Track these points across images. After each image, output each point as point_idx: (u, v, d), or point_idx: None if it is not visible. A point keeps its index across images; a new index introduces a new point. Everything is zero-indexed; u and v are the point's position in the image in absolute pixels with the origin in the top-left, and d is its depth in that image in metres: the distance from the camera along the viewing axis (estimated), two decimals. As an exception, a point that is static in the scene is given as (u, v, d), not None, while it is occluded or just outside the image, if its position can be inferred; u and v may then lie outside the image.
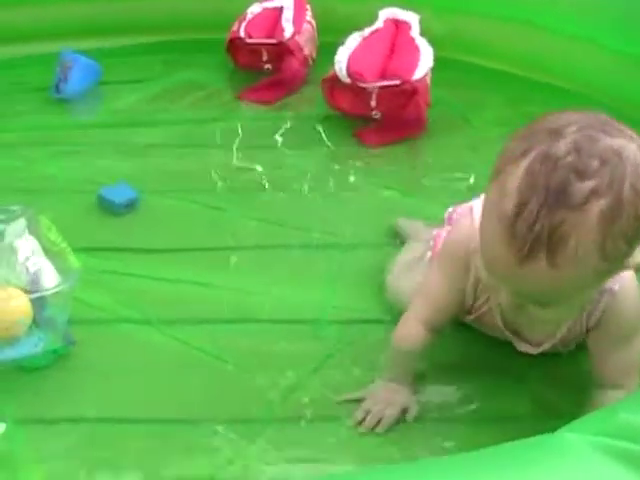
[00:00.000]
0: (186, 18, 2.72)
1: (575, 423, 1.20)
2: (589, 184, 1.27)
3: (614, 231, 1.29)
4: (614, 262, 1.34)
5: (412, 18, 2.47)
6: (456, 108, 2.46)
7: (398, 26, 2.48)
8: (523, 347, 1.64)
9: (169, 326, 1.78)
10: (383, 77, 2.34)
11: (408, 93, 2.33)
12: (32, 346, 1.68)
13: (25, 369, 1.66)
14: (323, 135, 2.38)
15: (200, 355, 1.72)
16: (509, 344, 1.64)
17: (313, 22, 2.63)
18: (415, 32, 2.45)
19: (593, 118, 1.33)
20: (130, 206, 2.07)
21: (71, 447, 1.54)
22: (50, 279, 1.69)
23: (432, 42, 2.41)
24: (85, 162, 2.24)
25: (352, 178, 2.22)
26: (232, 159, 2.28)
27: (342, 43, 2.41)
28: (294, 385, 1.66)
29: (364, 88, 2.34)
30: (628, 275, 1.50)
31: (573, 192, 1.27)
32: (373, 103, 2.35)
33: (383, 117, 2.38)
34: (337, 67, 2.36)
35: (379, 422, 1.61)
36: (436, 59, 2.37)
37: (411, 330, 1.65)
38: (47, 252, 1.71)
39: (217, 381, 1.67)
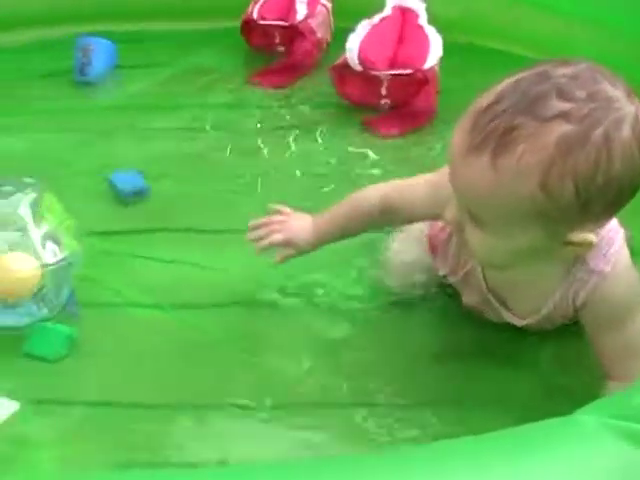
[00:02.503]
0: (198, 3, 2.69)
1: (590, 406, 1.18)
2: (564, 105, 1.25)
3: (565, 164, 1.25)
4: (555, 207, 1.29)
5: (419, 6, 2.45)
6: (466, 94, 2.41)
7: (405, 14, 2.45)
8: (508, 317, 1.60)
9: (180, 310, 1.77)
10: (393, 65, 2.32)
11: (419, 82, 2.31)
12: (28, 315, 1.69)
13: (47, 360, 1.65)
14: (332, 121, 2.36)
15: (211, 339, 1.71)
16: (517, 329, 1.62)
17: (328, 5, 2.60)
18: (423, 20, 2.42)
19: (609, 70, 1.31)
20: (138, 194, 2.05)
21: (84, 430, 1.54)
22: (50, 254, 1.69)
23: (442, 26, 2.39)
24: (97, 146, 2.23)
25: (361, 165, 2.20)
26: (243, 143, 2.26)
27: (352, 30, 2.39)
28: (306, 369, 1.65)
29: (375, 76, 2.31)
30: (623, 259, 1.47)
31: (545, 105, 1.25)
32: (383, 91, 2.34)
33: (392, 106, 2.36)
34: (348, 54, 2.33)
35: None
36: (446, 44, 2.34)
37: (371, 190, 1.67)
38: (45, 229, 1.71)
39: (228, 365, 1.66)
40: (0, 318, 1.69)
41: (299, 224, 1.73)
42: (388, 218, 1.68)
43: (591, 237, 1.36)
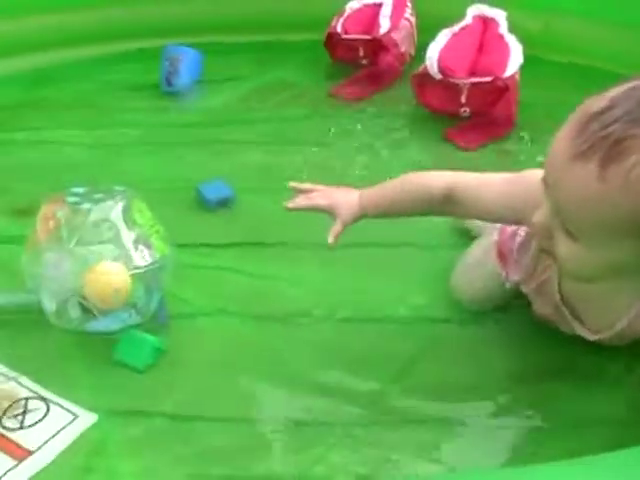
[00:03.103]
0: (280, 18, 2.71)
1: None
2: None
3: None
4: None
5: (499, 15, 2.43)
6: (544, 108, 2.37)
7: (486, 23, 2.45)
8: (581, 330, 1.55)
9: (264, 322, 1.77)
10: (473, 73, 2.30)
11: (499, 90, 2.29)
12: (120, 321, 1.70)
13: (136, 369, 1.65)
14: (413, 134, 2.34)
15: (294, 354, 1.69)
16: (595, 346, 1.58)
17: (412, 19, 2.60)
18: (503, 29, 2.40)
19: None
20: (224, 203, 2.06)
21: (163, 441, 1.53)
22: (142, 258, 1.69)
23: (523, 40, 2.35)
24: (180, 160, 2.25)
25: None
26: (323, 157, 2.25)
27: (433, 39, 2.38)
28: (377, 386, 1.62)
29: (455, 84, 2.30)
30: None
31: None
32: (463, 99, 2.32)
33: (472, 115, 2.34)
34: (428, 63, 2.32)
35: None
36: (526, 58, 2.31)
37: (435, 174, 1.60)
38: (136, 234, 1.71)
39: (309, 381, 1.65)
40: (92, 324, 1.70)
41: (344, 195, 1.67)
42: (449, 209, 1.59)
43: None
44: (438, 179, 1.58)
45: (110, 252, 1.67)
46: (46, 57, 2.61)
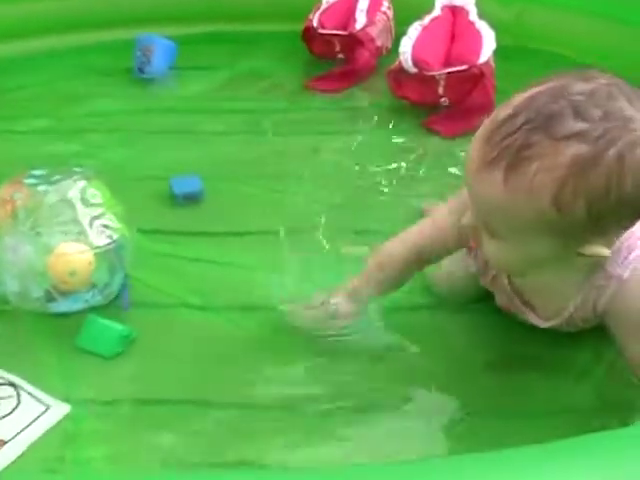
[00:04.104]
0: (255, 8, 2.68)
1: None
2: (580, 125, 1.23)
3: (578, 183, 1.24)
4: (566, 223, 1.27)
5: (468, 2, 2.42)
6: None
7: (455, 12, 2.44)
8: (533, 319, 1.58)
9: (230, 311, 1.74)
10: (448, 63, 2.29)
11: (475, 77, 2.28)
12: (82, 302, 1.70)
13: (104, 357, 1.63)
14: (391, 124, 2.33)
15: (260, 340, 1.68)
16: (571, 339, 1.58)
17: (389, 12, 2.58)
18: (473, 16, 2.40)
19: (628, 85, 1.28)
20: (191, 198, 2.02)
21: (135, 430, 1.51)
22: (99, 237, 1.69)
23: (496, 30, 2.35)
24: (152, 149, 2.22)
25: (423, 168, 2.16)
26: (298, 147, 2.24)
27: (404, 33, 2.37)
28: (353, 373, 1.61)
29: (431, 76, 2.29)
30: None
31: (561, 124, 1.23)
32: (441, 90, 2.31)
33: (451, 104, 2.32)
34: (402, 57, 2.31)
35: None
36: (500, 48, 2.31)
37: (399, 252, 1.63)
38: (94, 213, 1.71)
39: (277, 366, 1.63)
40: (54, 305, 1.69)
41: (336, 301, 1.68)
42: (426, 262, 1.65)
43: (604, 251, 1.34)
44: (400, 249, 1.63)
45: (68, 233, 1.67)
46: (15, 46, 2.57)
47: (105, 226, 1.69)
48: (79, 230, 1.67)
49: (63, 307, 1.70)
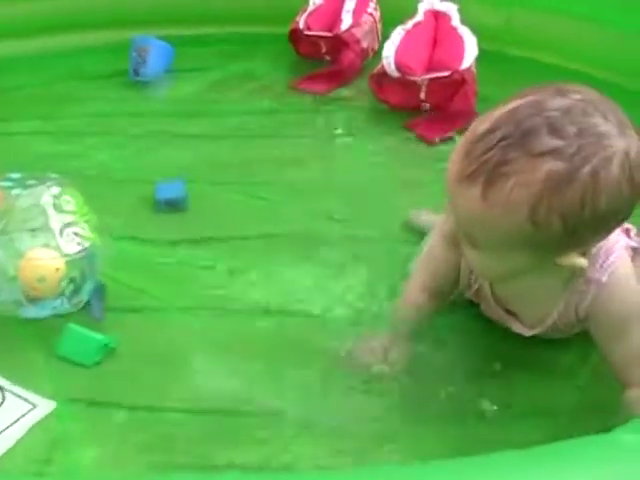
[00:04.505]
0: (244, 10, 2.68)
1: (631, 424, 1.17)
2: (555, 142, 1.26)
3: (553, 199, 1.27)
4: (543, 237, 1.30)
5: (451, 8, 2.42)
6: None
7: (437, 17, 2.43)
8: (517, 327, 1.59)
9: (218, 317, 1.75)
10: (430, 69, 2.30)
11: (457, 83, 2.28)
12: (50, 309, 1.69)
13: (84, 365, 1.63)
14: (374, 126, 2.34)
15: (246, 345, 1.68)
16: (556, 341, 1.59)
17: (376, 14, 2.57)
18: (456, 21, 2.39)
19: (604, 101, 1.31)
20: (173, 205, 2.01)
21: (122, 431, 1.51)
22: (70, 245, 1.68)
23: (484, 35, 2.35)
24: (140, 152, 2.21)
25: (405, 171, 2.17)
26: (285, 150, 2.24)
27: (387, 38, 2.37)
28: (343, 378, 1.61)
29: (413, 81, 2.29)
30: (621, 268, 1.45)
31: (536, 141, 1.26)
32: (422, 96, 2.31)
33: (432, 109, 2.33)
34: (385, 62, 2.31)
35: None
36: (486, 53, 2.31)
37: (416, 297, 1.64)
38: (65, 221, 1.70)
39: (266, 373, 1.63)
40: (22, 310, 1.69)
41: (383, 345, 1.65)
42: (443, 291, 1.65)
43: (581, 261, 1.37)
44: (417, 293, 1.64)
45: (37, 238, 1.67)
46: (10, 47, 2.55)
47: (76, 234, 1.69)
48: (49, 237, 1.67)
49: (32, 313, 1.69)
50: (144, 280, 1.82)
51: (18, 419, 1.52)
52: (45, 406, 1.54)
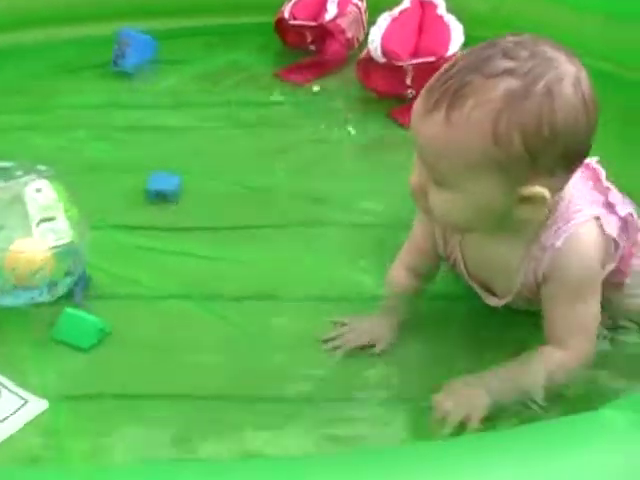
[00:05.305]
0: (229, 1, 2.64)
1: (617, 402, 1.17)
2: (509, 63, 1.35)
3: (512, 114, 1.33)
4: (506, 157, 1.34)
5: (437, -3, 2.42)
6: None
7: (423, 5, 2.43)
8: (490, 300, 1.62)
9: (209, 302, 1.75)
10: (416, 55, 2.28)
11: (442, 70, 2.28)
12: (27, 299, 1.69)
13: (81, 348, 1.63)
14: (361, 114, 2.33)
15: (239, 332, 1.69)
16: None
17: (361, 4, 2.55)
18: (442, 10, 2.39)
19: (553, 41, 1.41)
20: (162, 197, 2.00)
21: (114, 423, 1.51)
22: (46, 238, 1.69)
23: (471, 21, 2.34)
24: (126, 144, 2.20)
25: (389, 157, 2.16)
26: (272, 140, 2.23)
27: (374, 23, 2.37)
28: (332, 364, 1.62)
29: (399, 67, 2.28)
30: (583, 239, 1.48)
31: (492, 64, 1.35)
32: (409, 81, 2.29)
33: (417, 95, 2.31)
34: (371, 47, 2.30)
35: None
36: (473, 40, 2.16)
37: (397, 275, 1.70)
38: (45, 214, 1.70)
39: (255, 359, 1.63)
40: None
41: (371, 324, 1.68)
42: (420, 266, 1.69)
43: (543, 191, 1.39)
44: (401, 270, 1.70)
45: (15, 230, 1.67)
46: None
47: (53, 229, 1.69)
48: (25, 228, 1.68)
49: (7, 302, 1.69)
50: (134, 269, 1.82)
51: (10, 415, 1.52)
52: (36, 402, 1.54)
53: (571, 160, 1.40)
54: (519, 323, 1.63)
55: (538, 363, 1.50)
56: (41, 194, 1.71)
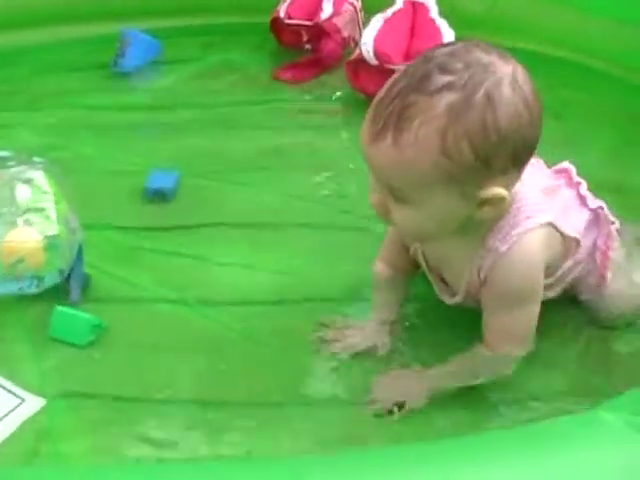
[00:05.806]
0: (225, 1, 2.64)
1: (611, 402, 1.17)
2: (446, 78, 1.35)
3: (457, 127, 1.34)
4: (458, 168, 1.35)
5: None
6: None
7: (415, 7, 2.42)
8: (444, 296, 1.64)
9: (206, 306, 1.74)
10: (407, 58, 2.27)
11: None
12: (15, 289, 1.69)
13: (78, 346, 1.63)
14: (357, 115, 2.24)
15: (235, 335, 1.68)
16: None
17: (357, 4, 2.55)
18: (434, 13, 2.38)
19: (482, 42, 1.41)
20: (160, 195, 2.00)
21: (112, 422, 1.51)
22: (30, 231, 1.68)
23: (464, 23, 2.34)
24: (123, 143, 2.19)
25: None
26: (268, 139, 2.22)
27: (366, 25, 2.36)
28: (329, 367, 1.62)
29: (390, 69, 2.22)
30: (528, 246, 1.47)
31: (431, 81, 1.35)
32: (400, 84, 2.30)
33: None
34: (364, 49, 2.29)
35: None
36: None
37: (378, 269, 1.71)
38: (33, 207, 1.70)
39: (251, 363, 1.63)
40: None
41: (371, 328, 1.69)
42: (397, 259, 1.71)
43: (501, 191, 1.40)
44: (380, 266, 1.72)
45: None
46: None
47: (40, 220, 1.69)
48: (11, 219, 1.68)
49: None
50: (132, 269, 1.81)
51: (7, 414, 1.51)
52: (34, 401, 1.53)
53: (521, 156, 1.41)
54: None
55: (472, 360, 1.54)
56: (31, 185, 1.71)
